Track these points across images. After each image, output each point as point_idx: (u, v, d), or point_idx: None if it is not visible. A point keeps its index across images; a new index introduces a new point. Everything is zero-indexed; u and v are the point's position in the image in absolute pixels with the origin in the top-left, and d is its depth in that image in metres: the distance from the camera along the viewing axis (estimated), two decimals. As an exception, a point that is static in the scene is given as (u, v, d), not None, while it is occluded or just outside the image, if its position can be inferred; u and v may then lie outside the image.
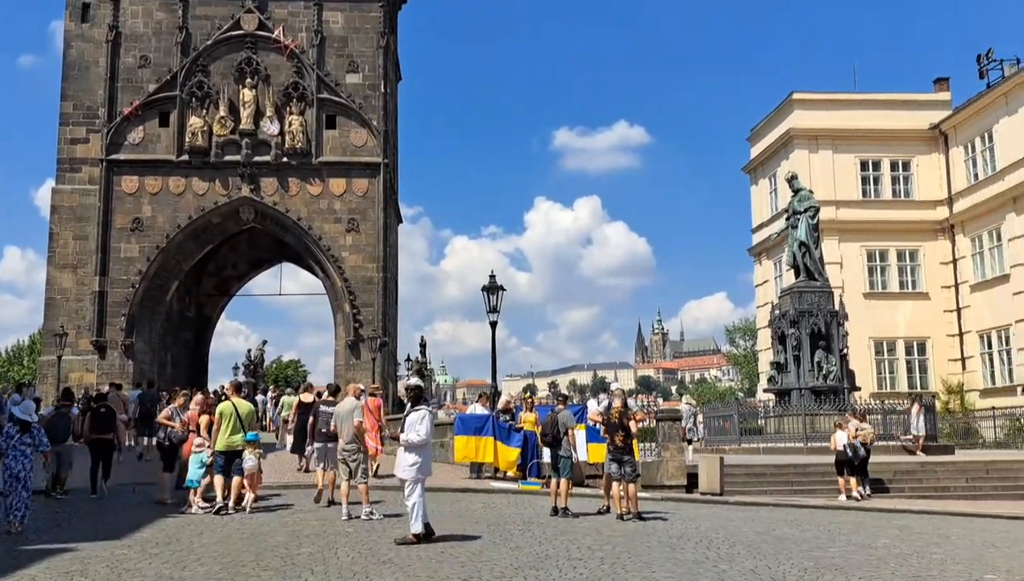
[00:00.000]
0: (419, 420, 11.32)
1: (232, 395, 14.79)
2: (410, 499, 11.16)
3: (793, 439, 24.80)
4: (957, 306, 39.06)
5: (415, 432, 11.25)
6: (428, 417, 11.48)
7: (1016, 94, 35.74)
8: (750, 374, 61.93)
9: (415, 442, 11.25)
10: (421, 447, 11.28)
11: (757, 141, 45.92)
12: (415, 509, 11.08)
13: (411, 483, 11.19)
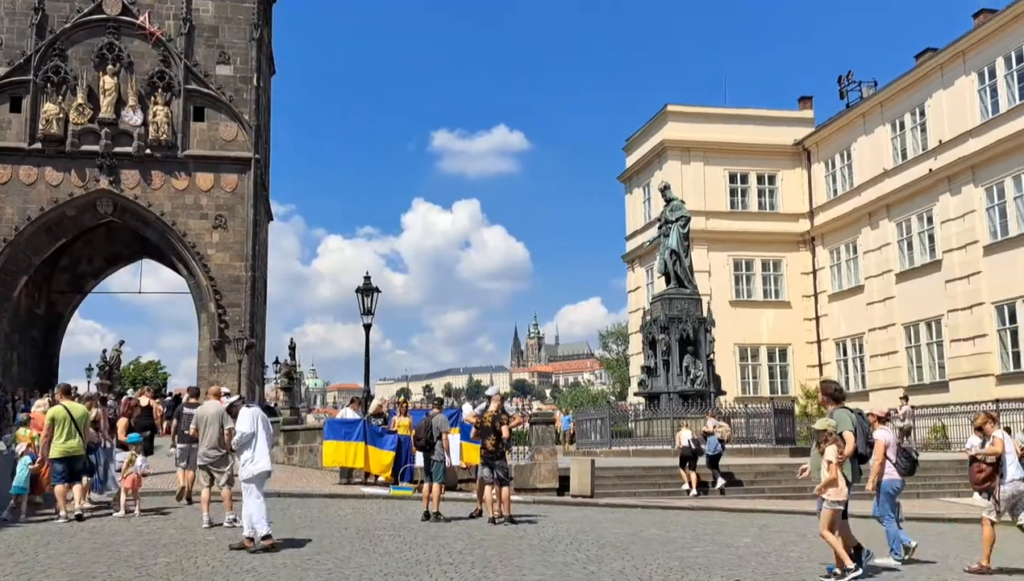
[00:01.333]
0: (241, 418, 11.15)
1: (62, 398, 13.86)
2: (246, 502, 10.84)
3: (662, 442, 25.30)
4: (816, 315, 41.01)
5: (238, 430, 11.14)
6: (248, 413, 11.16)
7: (873, 115, 37.84)
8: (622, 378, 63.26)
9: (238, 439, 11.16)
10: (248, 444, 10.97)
11: (633, 151, 46.98)
12: (253, 512, 10.70)
13: (246, 484, 10.89)
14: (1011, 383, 29.72)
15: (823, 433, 9.62)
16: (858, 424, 9.83)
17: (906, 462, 10.56)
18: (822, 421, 9.88)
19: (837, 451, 9.41)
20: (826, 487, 9.40)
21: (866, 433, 9.89)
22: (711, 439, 19.84)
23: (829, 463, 9.37)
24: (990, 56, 31.65)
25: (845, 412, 9.89)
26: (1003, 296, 30.55)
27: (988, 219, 31.57)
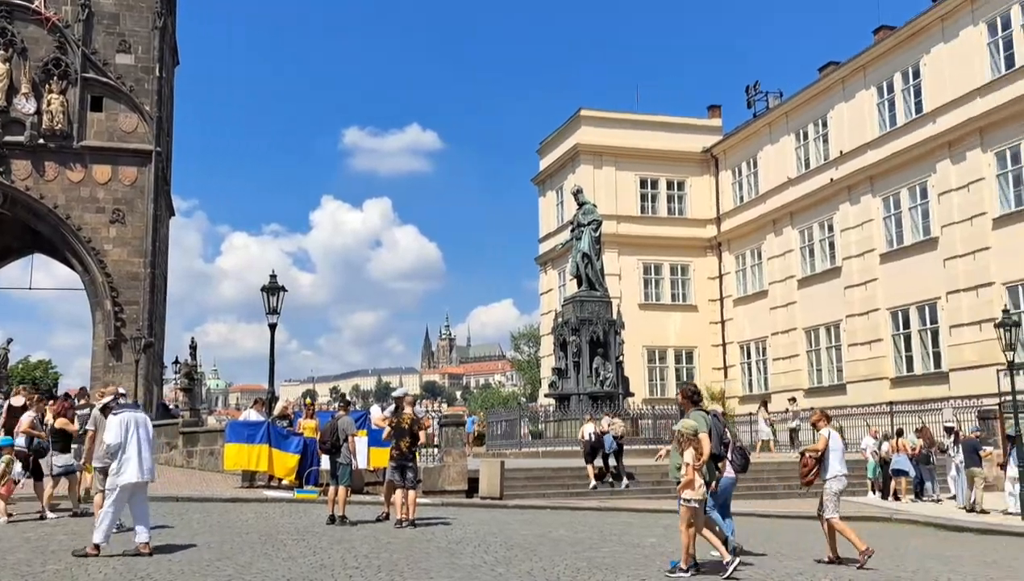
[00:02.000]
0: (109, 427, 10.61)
1: None
2: (104, 507, 10.47)
3: (572, 443, 25.35)
4: (722, 318, 41.95)
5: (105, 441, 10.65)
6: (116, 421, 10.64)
7: (778, 124, 38.95)
8: (533, 380, 63.52)
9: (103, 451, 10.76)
10: (115, 455, 10.46)
11: (546, 154, 47.24)
12: (103, 519, 10.27)
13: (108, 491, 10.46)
14: (904, 386, 30.95)
15: (682, 435, 9.86)
16: (713, 426, 10.13)
17: (740, 460, 10.87)
18: (682, 423, 10.13)
19: (695, 454, 9.68)
20: (685, 487, 9.64)
21: (720, 434, 10.20)
22: (606, 437, 20.29)
23: (687, 465, 9.63)
24: (889, 71, 32.93)
25: (701, 414, 10.20)
26: (898, 302, 31.80)
27: (885, 228, 32.82)
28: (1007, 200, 28.00)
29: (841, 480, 11.05)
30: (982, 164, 28.59)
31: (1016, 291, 27.18)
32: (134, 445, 10.46)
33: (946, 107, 29.99)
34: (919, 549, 12.78)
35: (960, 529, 15.36)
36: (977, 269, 28.48)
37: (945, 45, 30.22)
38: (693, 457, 9.65)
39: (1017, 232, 27.28)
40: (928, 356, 30.69)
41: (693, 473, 9.61)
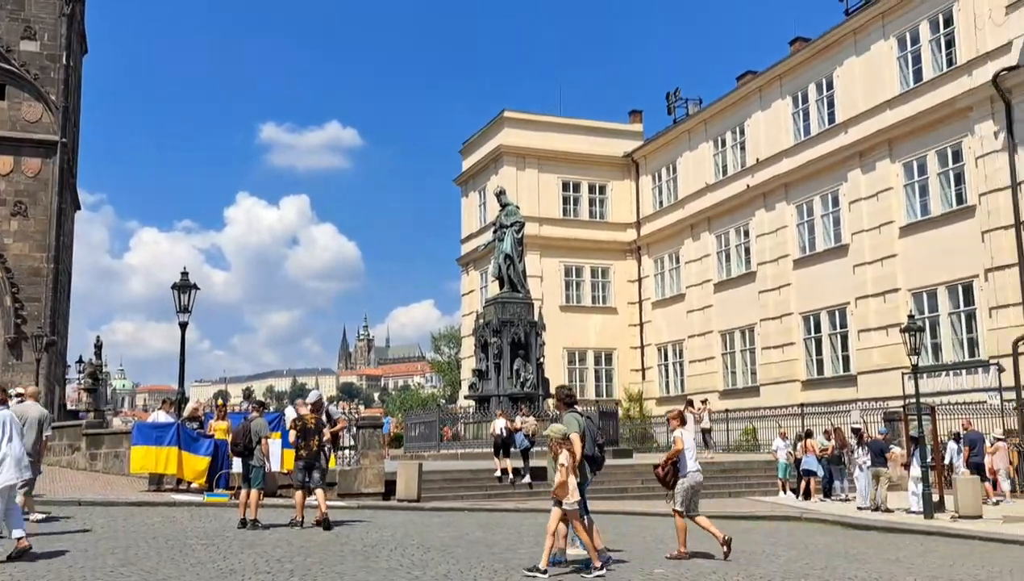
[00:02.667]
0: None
1: None
2: None
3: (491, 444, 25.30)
4: (640, 321, 42.50)
5: None
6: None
7: (697, 131, 39.66)
8: (453, 381, 63.29)
9: None
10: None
11: (469, 154, 47.14)
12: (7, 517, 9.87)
13: None
14: (815, 388, 31.83)
15: (552, 439, 9.95)
16: (586, 427, 10.24)
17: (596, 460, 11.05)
18: (552, 427, 10.24)
19: (568, 456, 9.75)
20: (559, 489, 9.69)
21: (593, 436, 10.31)
22: (518, 435, 20.57)
23: (561, 466, 9.71)
24: (803, 82, 33.85)
25: (573, 416, 10.29)
26: (809, 307, 32.70)
27: (798, 235, 33.72)
28: (913, 210, 29.04)
29: (693, 477, 11.50)
30: (890, 174, 29.60)
31: (921, 297, 28.22)
32: (9, 444, 9.99)
33: (857, 118, 30.96)
34: (827, 547, 13.08)
35: (866, 528, 15.80)
36: (884, 276, 29.47)
37: (857, 58, 31.22)
38: (567, 459, 9.70)
39: (922, 241, 28.32)
40: (838, 359, 31.63)
41: (567, 475, 9.65)
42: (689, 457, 11.44)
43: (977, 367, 24.94)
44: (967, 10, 27.13)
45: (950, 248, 27.05)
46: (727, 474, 23.12)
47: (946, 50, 28.23)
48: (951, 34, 27.91)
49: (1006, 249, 25.48)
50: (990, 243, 25.97)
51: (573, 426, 10.09)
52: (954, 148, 27.61)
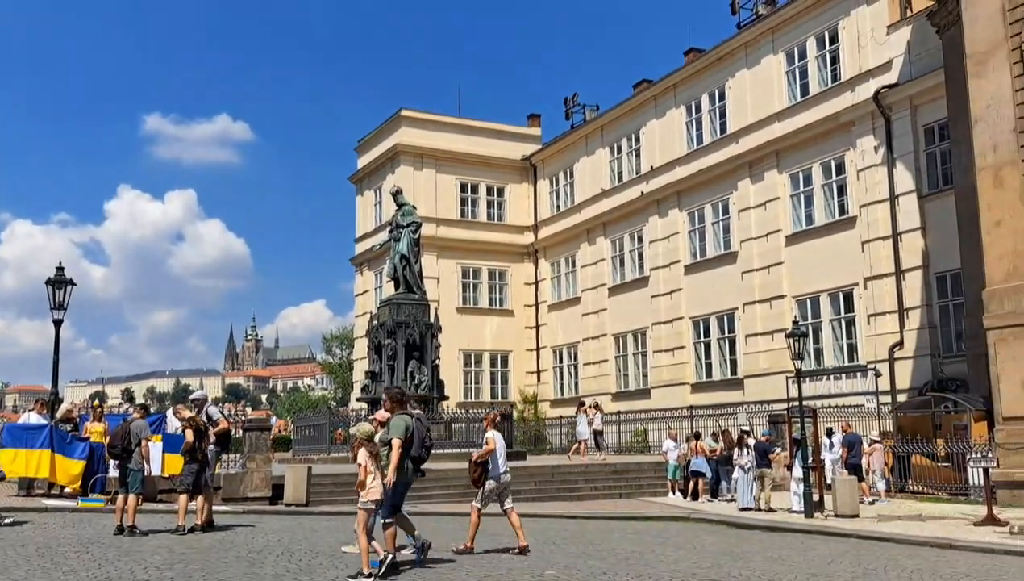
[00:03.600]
0: None
1: None
2: None
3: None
4: (536, 323, 42.76)
5: None
6: None
7: (594, 137, 40.18)
8: (345, 383, 62.30)
9: None
10: None
11: (365, 152, 46.51)
12: None
13: None
14: (703, 391, 32.65)
15: (356, 438, 10.10)
16: (415, 428, 10.33)
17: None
18: (360, 427, 10.39)
19: (365, 455, 9.84)
20: (360, 488, 9.81)
21: (422, 437, 10.43)
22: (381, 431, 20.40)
23: (359, 466, 9.83)
24: (697, 92, 34.71)
25: (401, 417, 10.40)
26: (699, 312, 33.52)
27: (689, 241, 34.54)
28: (799, 219, 30.13)
29: (502, 478, 11.86)
30: (778, 184, 30.63)
31: (805, 304, 29.29)
32: None
33: (747, 129, 31.94)
34: (714, 546, 13.35)
35: (750, 527, 16.21)
36: (771, 282, 30.46)
37: (748, 71, 32.20)
38: (364, 458, 9.78)
39: (806, 249, 29.40)
40: (726, 363, 32.52)
41: (365, 474, 9.72)
42: (500, 458, 11.67)
43: (856, 372, 26.12)
44: (851, 29, 28.34)
45: (832, 257, 28.17)
46: (618, 475, 23.41)
47: (831, 66, 29.42)
48: (836, 51, 29.10)
49: (884, 259, 26.70)
50: (869, 253, 27.17)
51: (398, 429, 10.15)
52: (837, 161, 28.78)
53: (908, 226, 26.17)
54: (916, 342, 25.59)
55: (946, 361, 24.79)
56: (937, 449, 20.33)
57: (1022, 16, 17.55)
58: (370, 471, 9.72)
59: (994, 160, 17.87)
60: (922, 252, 25.75)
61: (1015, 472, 16.91)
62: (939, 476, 20.29)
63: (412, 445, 10.24)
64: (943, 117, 24.24)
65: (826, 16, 29.29)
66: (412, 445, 10.24)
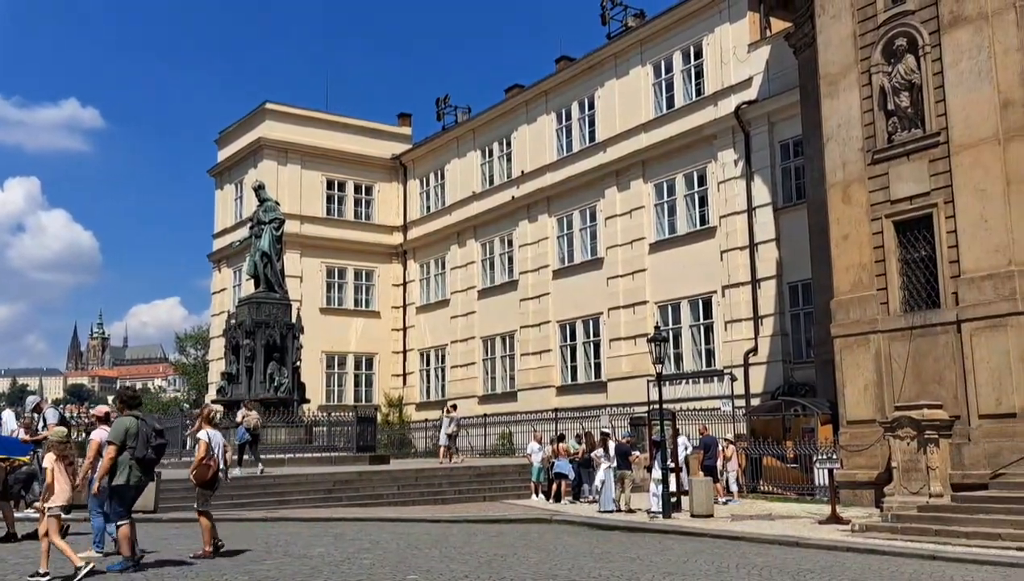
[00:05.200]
0: None
1: None
2: None
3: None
4: (404, 325, 42.27)
5: None
6: None
7: (466, 140, 40.08)
8: (199, 384, 59.85)
9: None
10: None
11: (226, 145, 44.88)
12: None
13: None
14: (569, 394, 33.05)
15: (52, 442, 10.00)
16: (140, 429, 10.17)
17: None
18: (56, 430, 10.49)
19: (52, 459, 9.71)
20: (49, 494, 9.62)
21: (147, 437, 10.26)
22: (239, 429, 21.23)
23: (47, 469, 9.70)
24: (567, 99, 35.15)
25: (122, 420, 10.27)
26: (566, 316, 33.93)
27: (558, 246, 34.92)
28: (662, 228, 30.93)
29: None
30: (643, 194, 31.35)
31: (666, 310, 30.07)
32: None
33: (615, 138, 32.56)
34: (575, 547, 13.40)
35: (610, 528, 16.40)
36: (634, 288, 31.14)
37: (617, 81, 32.86)
38: (50, 462, 9.64)
39: (668, 257, 30.21)
40: (590, 366, 33.02)
41: (52, 477, 9.57)
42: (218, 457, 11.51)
43: (713, 376, 26.99)
44: (715, 45, 29.34)
45: (693, 265, 29.05)
46: (483, 478, 23.33)
47: (696, 80, 30.37)
48: (701, 66, 30.05)
49: (741, 268, 27.73)
50: (727, 262, 28.16)
51: (116, 432, 10.08)
52: (700, 172, 29.71)
53: (764, 237, 27.26)
54: (769, 348, 26.67)
55: (796, 367, 25.95)
56: (787, 451, 21.19)
57: (872, 41, 18.51)
58: (58, 476, 9.54)
59: (843, 177, 18.77)
60: (776, 262, 26.88)
61: (857, 473, 17.77)
62: (788, 477, 21.15)
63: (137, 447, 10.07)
64: (798, 134, 25.37)
65: (692, 32, 30.22)
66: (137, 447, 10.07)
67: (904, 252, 17.66)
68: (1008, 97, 16.17)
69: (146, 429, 10.24)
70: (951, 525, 13.63)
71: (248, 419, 21.86)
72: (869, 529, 14.30)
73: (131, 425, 10.11)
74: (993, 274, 16.07)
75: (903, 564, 11.63)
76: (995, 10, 16.43)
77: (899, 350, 17.36)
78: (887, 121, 18.07)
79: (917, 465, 15.73)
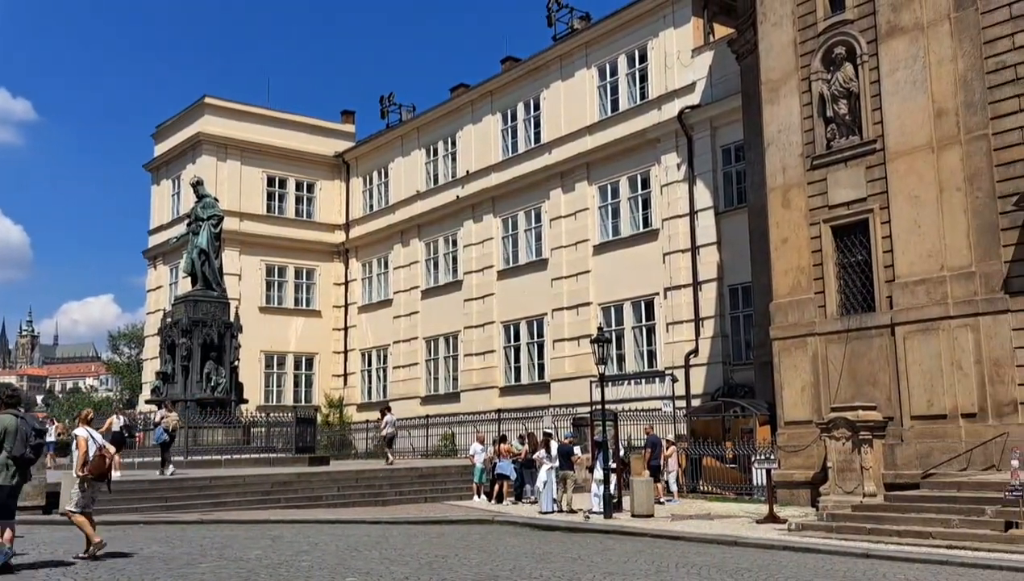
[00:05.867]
0: None
1: None
2: None
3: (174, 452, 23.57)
4: (345, 325, 41.81)
5: None
6: None
7: (410, 138, 39.82)
8: (133, 384, 58.55)
9: None
10: None
11: (164, 139, 43.93)
12: None
13: None
14: (512, 395, 33.02)
15: None
16: (19, 427, 10.07)
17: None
18: None
19: None
20: None
21: (26, 436, 10.18)
22: (158, 429, 21.24)
23: None
24: (513, 100, 35.14)
25: (4, 418, 10.14)
26: (510, 317, 33.91)
27: (503, 247, 34.89)
28: (606, 230, 31.10)
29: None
30: (587, 195, 31.49)
31: (609, 311, 30.24)
32: None
33: (561, 140, 32.65)
34: (516, 548, 13.36)
35: (552, 528, 16.42)
36: (579, 290, 31.26)
37: (563, 83, 32.95)
38: None
39: (612, 259, 30.39)
40: (534, 367, 33.05)
41: None
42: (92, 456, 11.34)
43: (655, 377, 27.20)
44: (659, 49, 29.60)
45: (636, 267, 29.26)
46: (424, 479, 23.17)
47: (640, 84, 30.60)
48: (645, 70, 30.29)
49: (683, 270, 28.01)
50: (670, 265, 28.43)
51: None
52: (643, 175, 29.95)
53: (705, 241, 27.58)
54: (710, 350, 27.00)
55: (736, 368, 26.31)
56: (726, 451, 21.44)
57: (812, 49, 18.85)
58: None
59: (783, 181, 19.07)
60: (717, 265, 27.22)
61: (794, 473, 18.06)
62: (727, 477, 21.42)
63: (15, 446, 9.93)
64: (740, 139, 25.71)
65: (637, 36, 30.45)
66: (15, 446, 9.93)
67: (841, 256, 18.02)
68: (942, 106, 16.60)
69: (25, 428, 10.10)
70: (884, 524, 13.91)
71: (167, 420, 21.82)
72: (805, 528, 14.53)
73: (9, 423, 9.93)
74: (926, 279, 16.48)
75: (838, 562, 11.83)
76: (930, 21, 16.86)
77: (835, 352, 17.70)
78: (826, 128, 18.42)
79: (852, 465, 16.04)
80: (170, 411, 22.87)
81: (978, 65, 16.28)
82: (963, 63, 16.47)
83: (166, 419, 21.97)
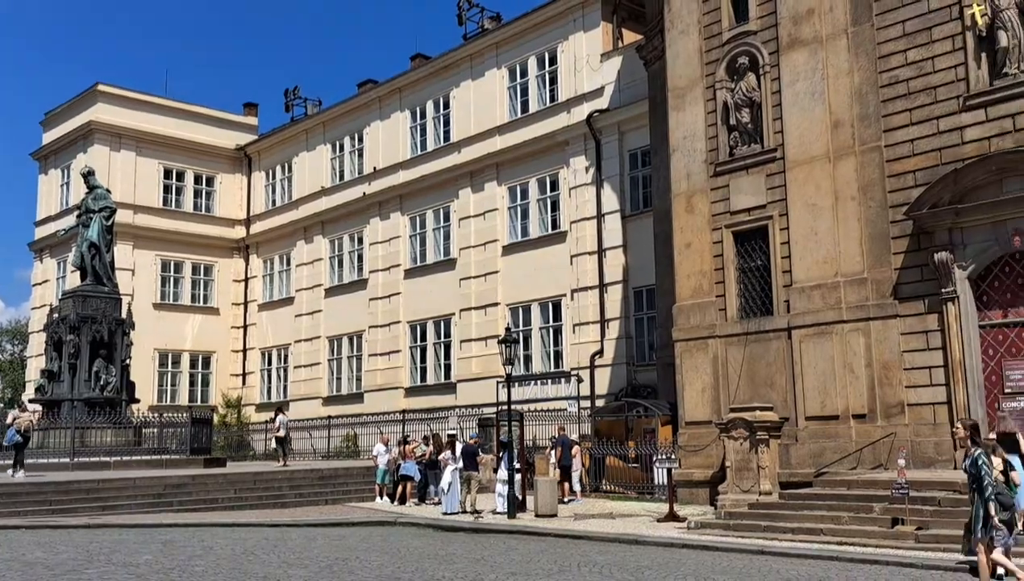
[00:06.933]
0: None
1: None
2: None
3: (60, 454, 22.62)
4: (244, 323, 40.72)
5: None
6: None
7: (315, 133, 39.05)
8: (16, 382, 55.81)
9: None
10: None
11: (53, 127, 42.01)
12: None
13: None
14: (417, 395, 32.72)
15: None
16: None
17: None
18: None
19: None
20: None
21: None
22: (9, 431, 20.93)
23: None
24: (422, 98, 34.84)
25: None
26: (417, 316, 33.60)
27: (410, 246, 34.54)
28: (515, 231, 31.13)
29: None
30: (497, 196, 31.46)
31: (517, 312, 30.27)
32: None
33: (470, 140, 32.52)
34: (419, 550, 13.21)
35: (456, 529, 16.31)
36: (487, 290, 31.19)
37: (473, 82, 32.85)
38: None
39: (520, 260, 30.44)
40: (440, 368, 32.81)
41: None
42: None
43: (561, 377, 27.39)
44: (569, 52, 29.81)
45: (544, 269, 29.37)
46: (325, 481, 22.76)
47: (550, 86, 30.74)
48: (555, 72, 30.45)
49: (590, 272, 28.27)
50: (577, 266, 28.65)
51: None
52: (552, 177, 30.10)
53: (612, 243, 27.89)
54: (615, 351, 27.31)
55: (639, 369, 26.69)
56: (629, 451, 21.72)
57: (717, 58, 19.26)
58: None
59: (687, 187, 19.44)
60: (623, 268, 27.57)
61: (694, 472, 18.41)
62: (629, 476, 21.69)
63: None
64: (647, 144, 26.10)
65: (547, 38, 30.59)
66: None
67: (742, 261, 18.47)
68: (839, 118, 17.20)
69: None
70: (778, 521, 14.30)
71: (19, 421, 21.41)
72: (704, 526, 14.82)
73: None
74: (821, 284, 17.04)
75: (734, 559, 12.08)
76: (829, 35, 17.45)
77: (735, 355, 18.12)
78: (729, 135, 18.86)
79: (749, 464, 16.44)
80: (23, 411, 22.46)
81: (873, 79, 16.94)
82: (859, 76, 17.10)
83: (18, 420, 21.42)
